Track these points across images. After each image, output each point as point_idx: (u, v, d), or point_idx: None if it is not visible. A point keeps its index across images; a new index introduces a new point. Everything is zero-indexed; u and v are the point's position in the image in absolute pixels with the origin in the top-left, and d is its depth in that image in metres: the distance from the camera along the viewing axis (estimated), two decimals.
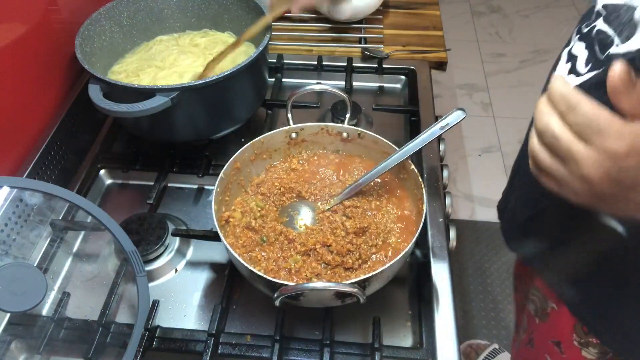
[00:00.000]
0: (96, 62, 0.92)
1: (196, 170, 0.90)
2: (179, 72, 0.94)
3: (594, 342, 0.75)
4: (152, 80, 0.93)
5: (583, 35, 0.63)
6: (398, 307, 0.75)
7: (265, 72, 0.96)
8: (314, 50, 1.18)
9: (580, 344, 0.77)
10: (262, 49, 0.86)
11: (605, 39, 0.57)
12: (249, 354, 0.68)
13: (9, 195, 0.73)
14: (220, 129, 0.91)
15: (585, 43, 0.62)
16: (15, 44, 0.82)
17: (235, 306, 0.75)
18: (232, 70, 0.81)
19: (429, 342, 0.69)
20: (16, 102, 0.84)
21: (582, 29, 0.64)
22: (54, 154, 0.89)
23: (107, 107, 0.78)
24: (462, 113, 0.68)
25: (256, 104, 0.97)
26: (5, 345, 0.69)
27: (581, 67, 0.61)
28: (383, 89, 1.12)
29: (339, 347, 0.69)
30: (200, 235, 0.79)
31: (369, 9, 1.20)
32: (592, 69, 0.59)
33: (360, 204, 0.75)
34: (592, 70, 0.59)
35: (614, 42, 0.56)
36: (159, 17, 1.03)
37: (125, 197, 0.92)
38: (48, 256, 0.78)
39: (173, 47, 1.01)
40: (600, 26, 0.59)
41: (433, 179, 0.88)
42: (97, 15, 0.93)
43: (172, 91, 0.78)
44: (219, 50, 0.98)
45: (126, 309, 0.75)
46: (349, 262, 0.68)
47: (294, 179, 0.79)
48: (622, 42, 0.54)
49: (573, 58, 0.64)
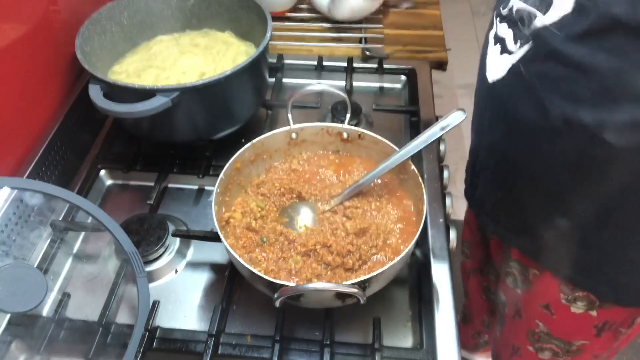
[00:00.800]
0: (96, 62, 0.92)
1: (196, 171, 0.90)
2: (180, 73, 0.94)
3: (580, 295, 0.78)
4: (154, 80, 0.92)
5: (503, 16, 0.68)
6: (398, 308, 0.75)
7: (265, 72, 0.96)
8: (314, 50, 1.18)
9: (567, 301, 0.80)
10: (262, 49, 0.86)
11: (525, 15, 0.62)
12: (249, 355, 0.68)
13: (9, 196, 0.73)
14: (221, 129, 0.91)
15: (507, 24, 0.67)
16: (15, 44, 0.82)
17: (235, 307, 0.75)
18: (233, 71, 0.81)
19: (429, 342, 0.69)
20: (16, 102, 0.84)
21: (501, 11, 0.69)
22: (54, 155, 0.89)
23: (107, 108, 0.78)
24: (463, 114, 0.68)
25: (256, 104, 0.97)
26: (6, 345, 0.69)
27: (511, 46, 0.66)
28: (383, 89, 1.12)
29: (339, 348, 0.69)
30: (200, 236, 0.78)
31: (369, 8, 1.20)
32: (522, 45, 0.64)
33: (361, 204, 0.75)
34: (522, 46, 0.64)
35: (536, 15, 0.60)
36: (159, 17, 1.03)
37: (126, 198, 0.92)
38: (48, 257, 0.78)
39: (173, 47, 1.01)
40: (518, 5, 0.64)
41: (433, 179, 0.88)
42: (97, 15, 0.93)
43: (172, 91, 0.78)
44: (219, 50, 0.98)
45: (126, 309, 0.75)
46: (349, 263, 0.68)
47: (294, 179, 0.79)
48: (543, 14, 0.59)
49: (500, 40, 0.68)
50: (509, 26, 0.67)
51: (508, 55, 0.67)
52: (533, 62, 0.63)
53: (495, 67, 0.70)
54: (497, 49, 0.70)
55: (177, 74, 0.93)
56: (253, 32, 0.99)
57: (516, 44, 0.65)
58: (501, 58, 0.69)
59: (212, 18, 1.05)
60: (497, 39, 0.70)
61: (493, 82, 0.71)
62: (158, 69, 0.95)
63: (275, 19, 1.06)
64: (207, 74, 0.93)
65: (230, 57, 0.97)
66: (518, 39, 0.65)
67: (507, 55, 0.67)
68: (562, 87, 0.60)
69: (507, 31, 0.67)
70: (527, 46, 0.63)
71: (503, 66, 0.68)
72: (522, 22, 0.63)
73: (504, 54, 0.68)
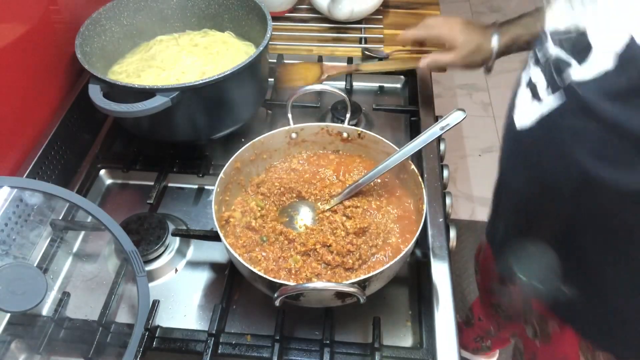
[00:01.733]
0: (96, 62, 0.92)
1: (196, 170, 0.90)
2: (180, 72, 0.94)
3: (601, 356, 0.75)
4: (154, 80, 0.92)
5: (537, 60, 0.64)
6: (398, 307, 0.75)
7: (265, 72, 0.96)
8: (314, 50, 1.18)
9: None
10: (262, 49, 0.86)
11: (560, 63, 0.58)
12: (249, 354, 0.68)
13: (9, 195, 0.73)
14: (221, 129, 0.91)
15: (540, 68, 0.63)
16: (15, 43, 0.81)
17: (235, 306, 0.75)
18: (233, 70, 0.81)
19: (429, 342, 0.69)
20: (16, 102, 0.84)
21: (537, 54, 0.65)
22: (54, 154, 0.89)
23: (107, 107, 0.78)
24: (462, 114, 0.68)
25: (257, 104, 0.96)
26: (6, 345, 0.69)
27: (543, 93, 0.62)
28: (383, 89, 1.12)
29: (339, 347, 0.69)
30: (200, 235, 0.79)
31: (369, 9, 1.20)
32: (554, 95, 0.60)
33: (361, 204, 0.75)
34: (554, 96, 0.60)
35: (570, 65, 0.57)
36: (159, 17, 1.03)
37: (126, 197, 0.92)
38: (48, 256, 0.78)
39: (173, 47, 1.01)
40: (553, 50, 0.60)
41: (433, 179, 0.88)
42: (97, 15, 0.93)
43: (172, 91, 0.78)
44: (219, 50, 0.98)
45: (126, 308, 0.75)
46: (349, 263, 0.68)
47: (294, 179, 0.79)
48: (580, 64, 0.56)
49: (532, 84, 0.65)
50: (542, 71, 0.63)
51: (538, 103, 0.63)
52: (564, 115, 0.59)
53: (524, 114, 0.66)
54: (527, 93, 0.66)
55: (177, 73, 0.93)
56: (253, 32, 0.99)
57: (548, 93, 0.61)
58: (531, 105, 0.64)
59: (212, 18, 1.05)
60: (529, 83, 0.66)
61: (520, 129, 0.67)
62: (158, 69, 0.95)
63: (275, 19, 1.06)
64: (207, 74, 0.92)
65: (230, 57, 0.97)
66: (550, 87, 0.61)
67: (538, 104, 0.63)
68: (593, 145, 0.57)
69: (540, 76, 0.63)
70: (560, 97, 0.59)
71: (532, 115, 0.64)
72: (558, 70, 0.59)
73: (534, 100, 0.64)
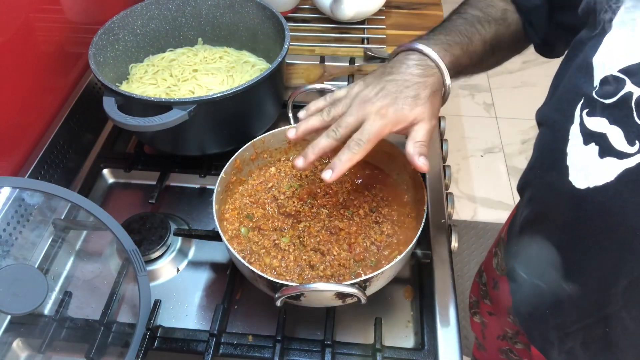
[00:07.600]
0: (109, 72, 0.90)
1: (198, 170, 0.90)
2: (196, 84, 0.92)
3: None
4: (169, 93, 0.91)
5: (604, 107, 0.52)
6: (400, 308, 0.75)
7: (283, 82, 0.94)
8: (317, 50, 1.18)
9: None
10: (280, 60, 0.84)
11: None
12: (251, 354, 0.68)
13: (10, 195, 0.73)
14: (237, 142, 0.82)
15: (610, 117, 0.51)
16: (17, 43, 0.82)
17: (236, 306, 0.75)
18: (252, 82, 0.78)
19: (431, 343, 0.69)
20: (18, 102, 0.84)
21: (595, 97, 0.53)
22: (56, 154, 0.89)
23: (123, 121, 0.75)
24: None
25: (274, 116, 0.94)
26: (7, 345, 0.70)
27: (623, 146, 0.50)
28: None
29: (340, 348, 0.69)
30: (202, 235, 0.78)
31: (371, 9, 1.20)
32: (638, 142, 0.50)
33: (361, 204, 0.75)
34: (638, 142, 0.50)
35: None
36: (172, 26, 1.01)
37: (127, 197, 0.92)
38: (50, 256, 0.78)
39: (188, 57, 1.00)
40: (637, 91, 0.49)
41: (435, 179, 0.87)
42: (111, 24, 0.90)
43: (189, 104, 0.76)
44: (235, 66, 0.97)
45: (128, 308, 0.75)
46: (350, 263, 0.68)
47: (294, 179, 0.79)
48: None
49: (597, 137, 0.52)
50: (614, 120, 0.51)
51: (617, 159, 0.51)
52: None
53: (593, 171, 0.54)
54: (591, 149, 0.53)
55: (192, 85, 0.92)
56: (268, 42, 0.98)
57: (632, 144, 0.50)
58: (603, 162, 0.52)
59: (226, 27, 1.02)
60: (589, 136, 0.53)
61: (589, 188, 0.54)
62: (173, 80, 0.94)
63: None
64: (224, 86, 0.92)
65: (247, 70, 0.95)
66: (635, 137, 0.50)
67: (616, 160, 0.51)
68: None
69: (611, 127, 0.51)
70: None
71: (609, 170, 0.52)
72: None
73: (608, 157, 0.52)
